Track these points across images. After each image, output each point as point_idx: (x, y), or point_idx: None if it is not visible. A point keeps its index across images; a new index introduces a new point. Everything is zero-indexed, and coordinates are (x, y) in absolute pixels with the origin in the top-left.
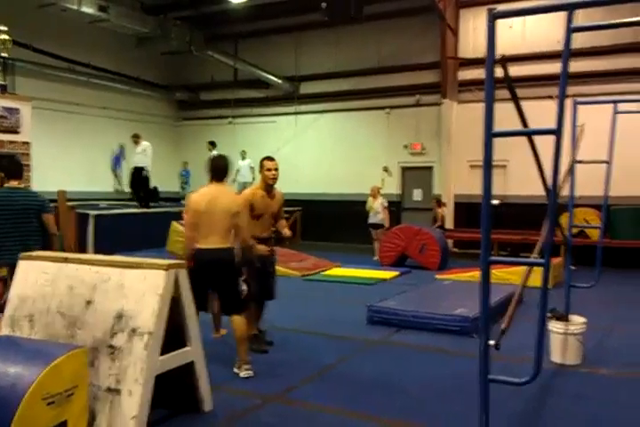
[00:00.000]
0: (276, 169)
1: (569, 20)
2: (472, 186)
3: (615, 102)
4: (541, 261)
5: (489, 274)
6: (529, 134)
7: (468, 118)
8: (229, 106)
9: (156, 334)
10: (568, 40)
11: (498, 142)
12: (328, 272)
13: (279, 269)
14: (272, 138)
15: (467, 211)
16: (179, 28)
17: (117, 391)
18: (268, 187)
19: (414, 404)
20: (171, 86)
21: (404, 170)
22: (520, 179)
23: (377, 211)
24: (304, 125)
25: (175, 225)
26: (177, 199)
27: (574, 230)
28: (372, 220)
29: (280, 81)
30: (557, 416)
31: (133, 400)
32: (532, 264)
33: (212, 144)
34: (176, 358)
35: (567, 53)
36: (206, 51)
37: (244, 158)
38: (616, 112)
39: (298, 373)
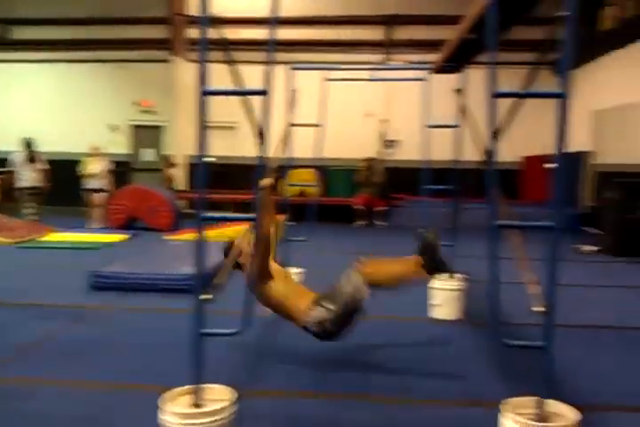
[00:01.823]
0: None
1: None
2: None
3: (328, 69)
4: (251, 216)
5: (204, 230)
6: (239, 94)
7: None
8: None
9: None
10: (275, 5)
11: (227, 104)
12: (45, 238)
13: None
14: None
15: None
16: None
17: None
18: None
19: (137, 365)
20: None
21: (134, 128)
22: (250, 140)
23: (96, 174)
24: (18, 76)
25: None
26: None
27: (296, 189)
28: (90, 184)
29: None
30: (269, 359)
31: None
32: (242, 219)
33: None
34: None
35: (274, 19)
36: None
37: None
38: (328, 79)
39: (12, 347)
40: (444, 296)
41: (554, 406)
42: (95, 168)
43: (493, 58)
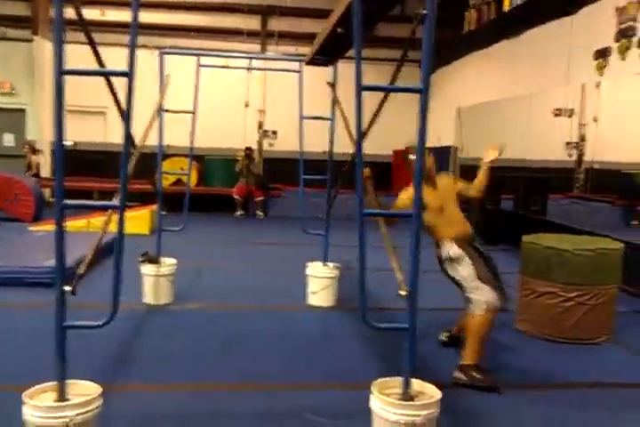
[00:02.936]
0: None
1: None
2: (72, 132)
3: (197, 55)
4: (116, 204)
5: (63, 219)
6: (100, 75)
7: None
8: None
9: None
10: None
11: (97, 89)
12: None
13: None
14: None
15: (71, 158)
16: None
17: None
18: None
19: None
20: None
21: None
22: (120, 127)
23: None
24: None
25: None
26: None
27: (172, 178)
28: None
29: None
30: (144, 353)
31: None
32: (106, 207)
33: None
34: None
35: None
36: None
37: None
38: (199, 65)
39: None
40: (320, 284)
41: (419, 385)
42: None
43: (358, 50)
